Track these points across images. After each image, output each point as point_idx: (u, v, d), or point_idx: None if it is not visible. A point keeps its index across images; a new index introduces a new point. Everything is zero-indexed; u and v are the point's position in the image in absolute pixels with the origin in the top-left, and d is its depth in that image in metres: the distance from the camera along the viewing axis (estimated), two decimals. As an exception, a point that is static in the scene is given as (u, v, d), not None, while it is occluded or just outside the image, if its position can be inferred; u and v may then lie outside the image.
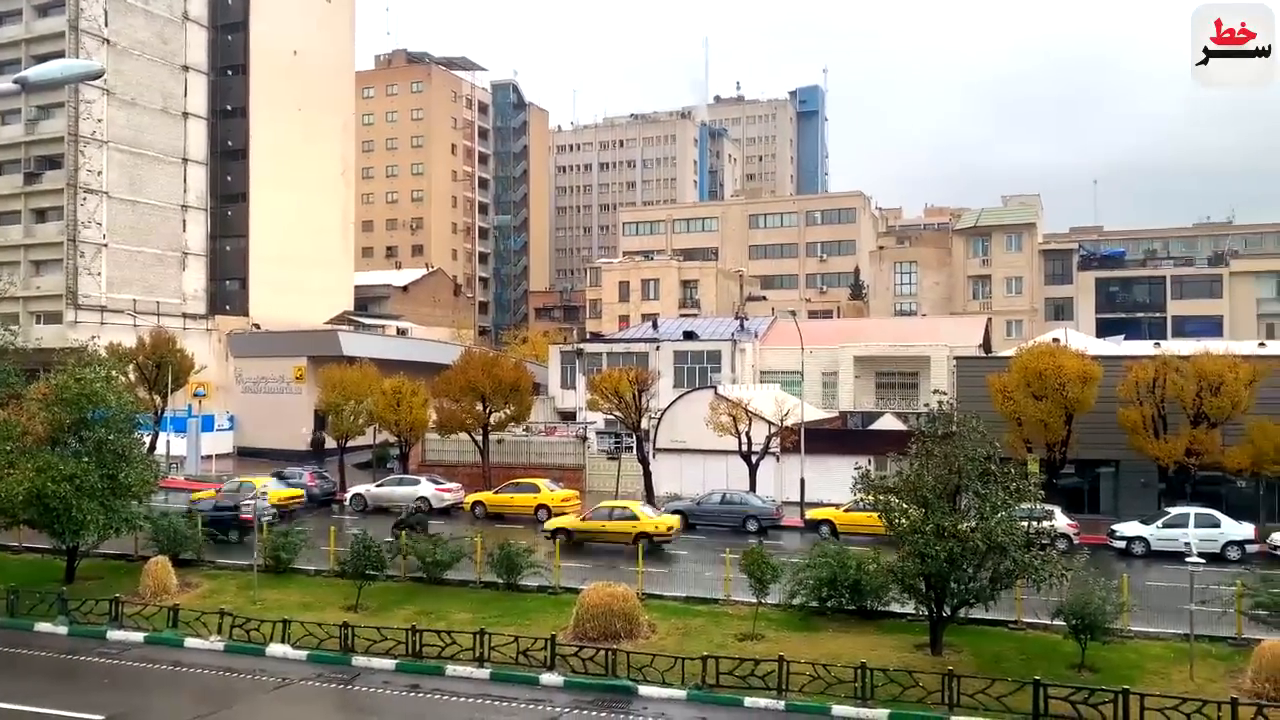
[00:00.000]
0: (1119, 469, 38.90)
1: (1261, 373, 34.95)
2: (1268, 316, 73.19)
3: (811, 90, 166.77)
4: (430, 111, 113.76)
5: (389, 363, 51.79)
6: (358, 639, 22.52)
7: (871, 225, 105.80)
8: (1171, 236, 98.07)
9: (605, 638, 22.05)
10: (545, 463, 47.84)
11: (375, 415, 45.23)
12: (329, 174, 78.37)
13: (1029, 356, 37.08)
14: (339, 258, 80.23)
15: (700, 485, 41.94)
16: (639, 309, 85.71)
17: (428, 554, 27.44)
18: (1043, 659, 20.90)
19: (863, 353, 56.75)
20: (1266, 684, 18.58)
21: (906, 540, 21.02)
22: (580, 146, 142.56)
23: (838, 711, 18.94)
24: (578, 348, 61.51)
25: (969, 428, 21.59)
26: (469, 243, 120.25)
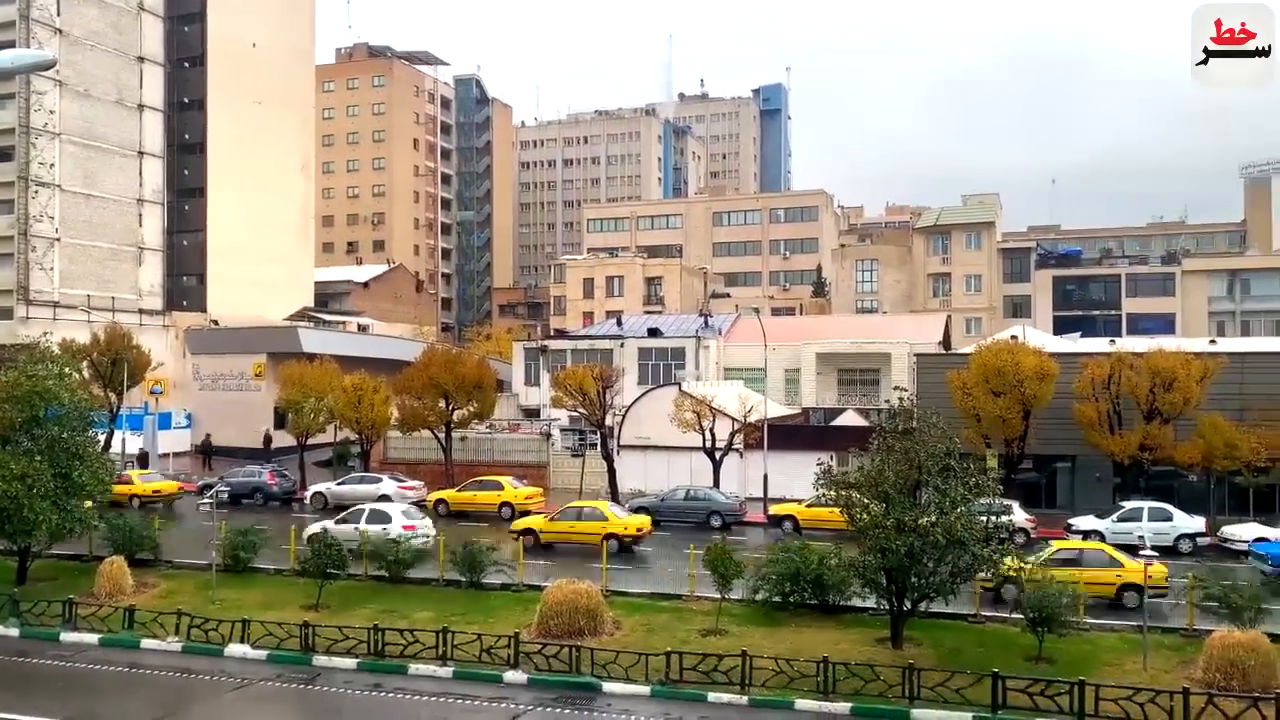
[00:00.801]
0: (1075, 464, 39.56)
1: (1212, 369, 35.70)
2: (1218, 314, 74.80)
3: (775, 89, 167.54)
4: (392, 106, 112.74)
5: (350, 359, 51.28)
6: (319, 638, 22.29)
7: (833, 223, 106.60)
8: (1126, 236, 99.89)
9: (569, 635, 22.03)
10: (509, 460, 47.65)
11: (336, 413, 44.76)
12: (289, 168, 77.39)
13: (988, 353, 37.57)
14: (299, 253, 79.30)
15: (665, 482, 42.02)
16: (603, 306, 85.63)
17: (390, 552, 27.24)
18: (1001, 651, 21.21)
19: (825, 350, 57.17)
20: (1217, 674, 19.00)
21: (868, 535, 21.24)
22: (544, 142, 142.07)
23: (800, 705, 19.09)
24: (542, 344, 61.33)
25: (929, 424, 21.85)
26: (431, 238, 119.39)
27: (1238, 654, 18.92)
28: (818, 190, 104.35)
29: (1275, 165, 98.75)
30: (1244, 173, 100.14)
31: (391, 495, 40.39)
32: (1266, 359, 40.45)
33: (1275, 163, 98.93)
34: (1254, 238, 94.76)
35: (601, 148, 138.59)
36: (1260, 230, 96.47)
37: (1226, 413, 35.24)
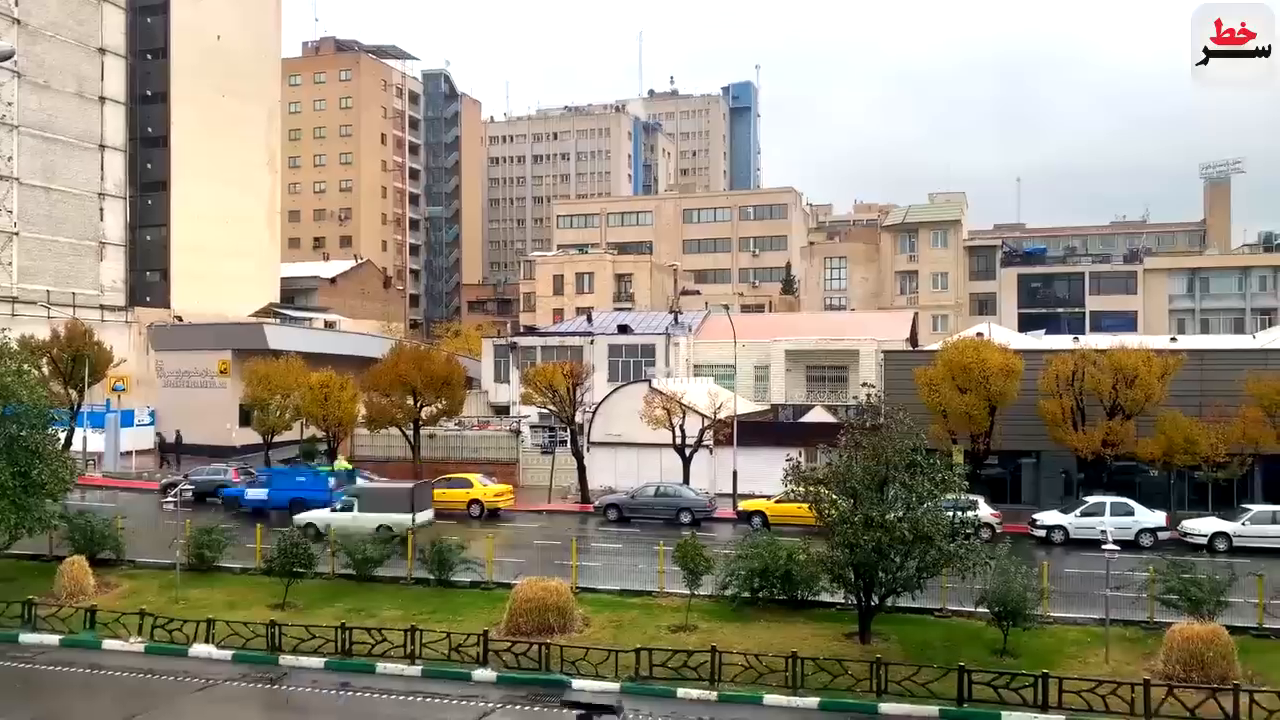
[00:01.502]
0: (1039, 459, 40.05)
1: (1173, 366, 36.29)
2: (1178, 312, 76.08)
3: (744, 86, 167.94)
4: (359, 100, 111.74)
5: (317, 356, 50.81)
6: (285, 637, 22.08)
7: (802, 221, 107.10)
8: (1090, 234, 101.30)
9: (539, 632, 22.00)
10: (479, 458, 47.47)
11: (302, 410, 44.34)
12: (254, 163, 76.48)
13: (954, 350, 37.92)
14: (264, 249, 78.41)
15: (635, 478, 42.06)
16: (573, 302, 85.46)
17: (357, 550, 27.04)
18: (967, 645, 21.45)
19: (794, 347, 57.47)
20: (1177, 665, 19.33)
21: (836, 530, 21.37)
22: (513, 138, 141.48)
23: (769, 701, 19.20)
24: (511, 341, 61.11)
25: (896, 420, 22.03)
26: (399, 234, 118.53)
27: (1197, 646, 19.27)
28: (787, 188, 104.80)
29: (1234, 166, 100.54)
30: (1204, 173, 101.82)
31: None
32: (1225, 356, 41.21)
33: (1234, 163, 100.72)
34: (1214, 237, 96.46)
35: (571, 144, 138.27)
36: (1219, 230, 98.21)
37: (1186, 409, 35.82)
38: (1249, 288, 75.55)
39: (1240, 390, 35.58)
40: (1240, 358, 40.25)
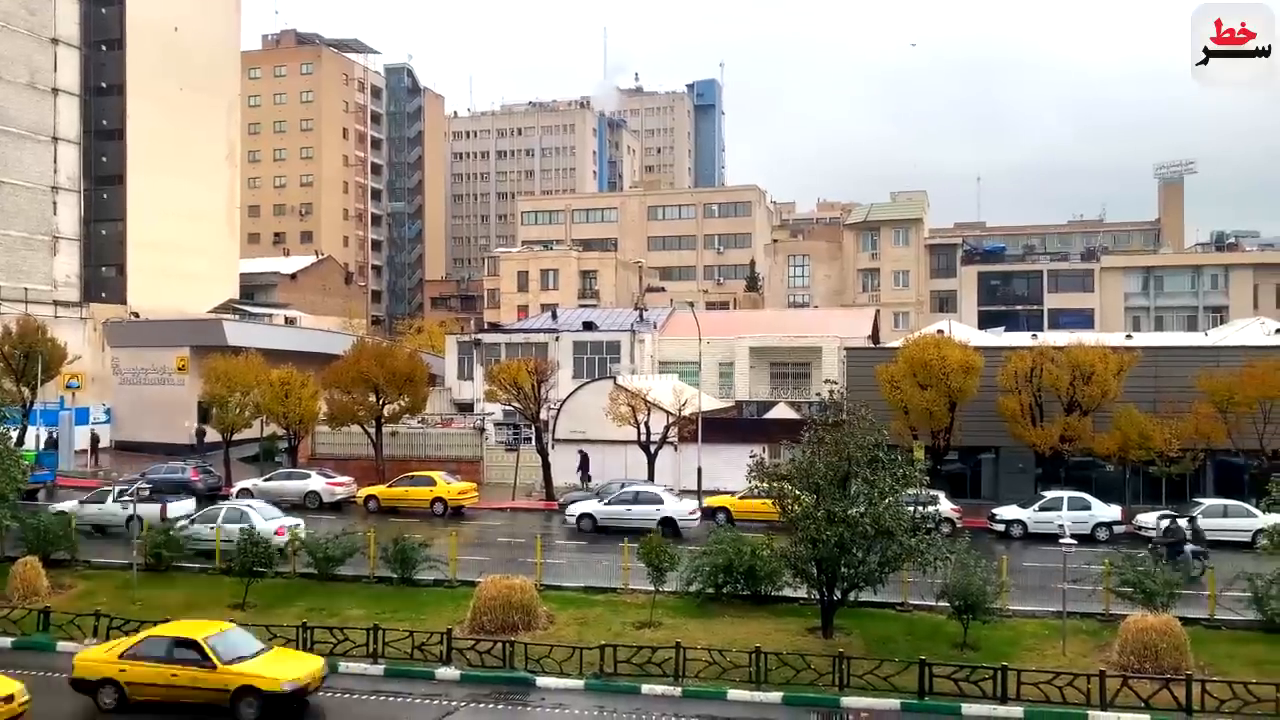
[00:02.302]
0: (999, 455, 40.59)
1: (1128, 363, 36.95)
2: (1134, 310, 77.50)
3: (708, 84, 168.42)
4: (320, 94, 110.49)
5: (277, 353, 50.16)
6: (245, 638, 21.79)
7: (766, 219, 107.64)
8: (1048, 233, 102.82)
9: (503, 630, 21.94)
10: (442, 455, 47.14)
11: (263, 407, 43.77)
12: (213, 156, 75.30)
13: (915, 347, 38.30)
14: (223, 244, 77.24)
15: (600, 475, 42.01)
16: (538, 299, 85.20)
17: (319, 549, 26.77)
18: (928, 639, 21.71)
19: (758, 344, 57.76)
20: (1132, 656, 19.72)
21: (799, 526, 21.53)
22: (477, 133, 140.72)
23: (733, 696, 19.30)
24: (475, 338, 60.78)
25: (858, 416, 22.22)
26: (361, 230, 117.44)
27: (1151, 637, 19.67)
28: (751, 186, 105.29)
29: (1187, 166, 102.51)
30: (1158, 173, 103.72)
31: (320, 491, 39.82)
32: (1178, 353, 42.05)
33: (1187, 164, 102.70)
34: (1168, 236, 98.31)
35: (535, 139, 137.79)
36: (1173, 229, 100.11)
37: (1141, 405, 36.48)
38: (1201, 286, 77.17)
39: (1193, 387, 36.28)
40: (1193, 355, 41.10)
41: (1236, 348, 41.71)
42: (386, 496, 39.09)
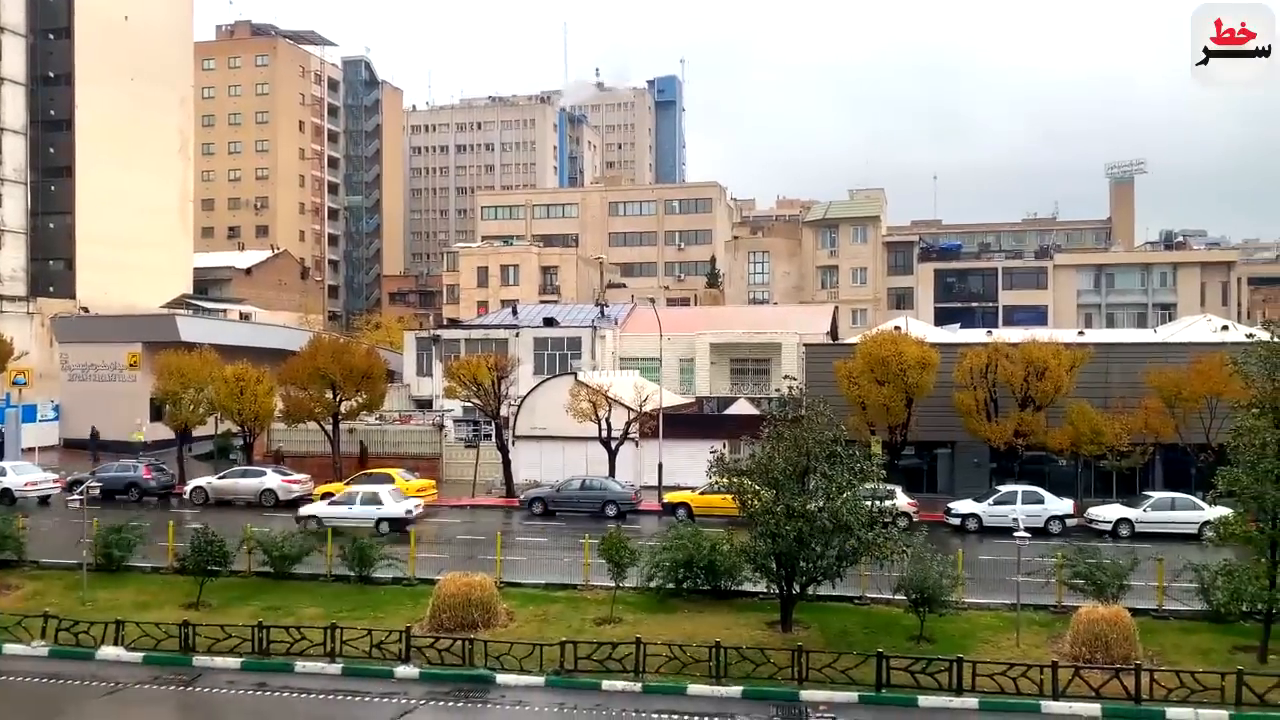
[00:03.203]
0: (955, 450, 41.14)
1: (1080, 359, 37.63)
2: (1086, 307, 78.91)
3: (669, 80, 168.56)
4: (276, 86, 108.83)
5: (232, 349, 49.44)
6: (199, 638, 21.51)
7: (727, 215, 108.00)
8: (1003, 230, 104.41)
9: (462, 628, 21.82)
10: (400, 452, 46.76)
11: (217, 404, 43.13)
12: (165, 149, 73.92)
13: (872, 344, 38.67)
14: (176, 238, 75.87)
15: (560, 472, 41.94)
16: (498, 295, 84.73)
17: (275, 548, 26.43)
18: (885, 632, 21.95)
19: (718, 340, 57.95)
20: (1083, 647, 20.10)
21: (759, 521, 21.66)
22: (436, 127, 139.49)
23: (693, 691, 19.38)
24: (434, 334, 60.30)
25: (817, 412, 22.40)
26: (318, 224, 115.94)
27: (1101, 628, 20.06)
28: (711, 182, 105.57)
29: (1137, 166, 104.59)
30: (1109, 172, 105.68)
31: (276, 489, 39.33)
32: (1129, 349, 42.90)
33: (1137, 164, 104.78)
34: (1118, 234, 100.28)
35: (496, 134, 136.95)
36: (1124, 227, 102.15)
37: (1093, 400, 37.17)
38: (1151, 284, 78.76)
39: (1142, 383, 37.04)
40: (1143, 351, 41.94)
41: (1184, 344, 42.63)
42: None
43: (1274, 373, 20.06)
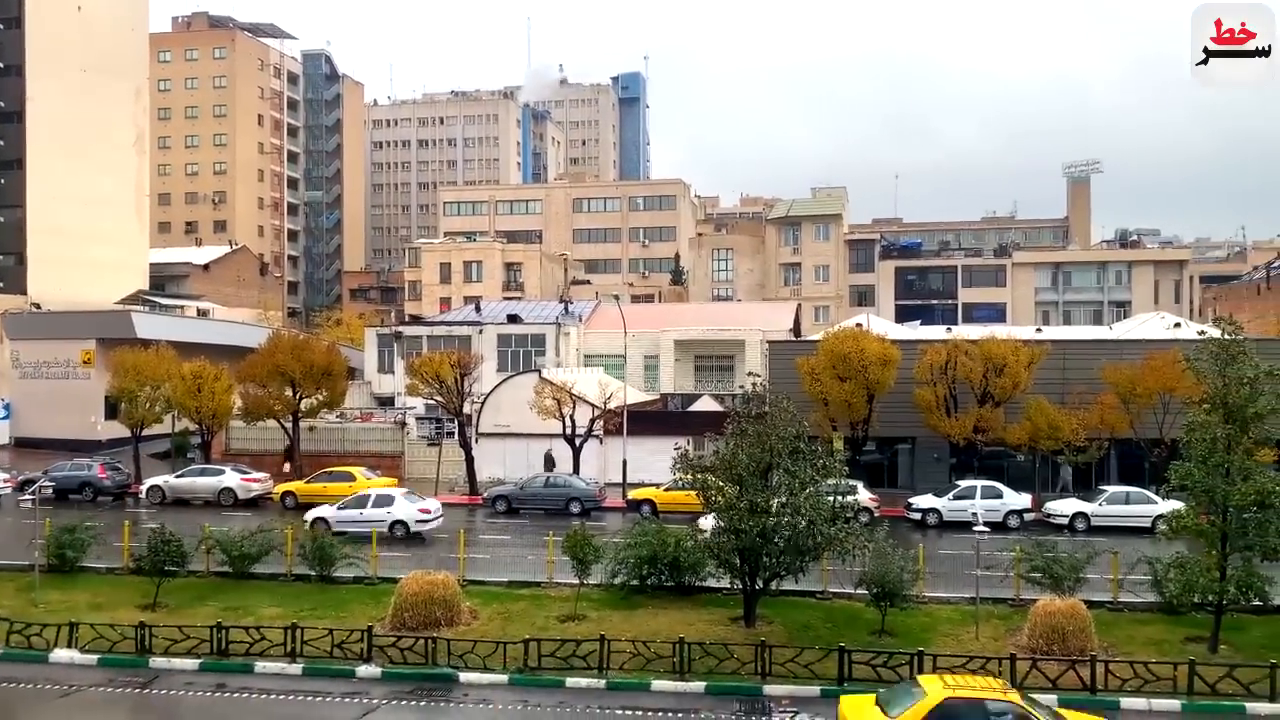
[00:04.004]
0: (915, 445, 41.57)
1: (1038, 356, 38.19)
2: (1044, 304, 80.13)
3: (633, 77, 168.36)
4: (234, 79, 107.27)
5: (189, 346, 48.70)
6: (156, 639, 21.15)
7: (691, 213, 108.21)
8: (962, 229, 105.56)
9: (425, 626, 21.68)
10: (362, 450, 46.39)
11: (174, 402, 42.51)
12: (120, 142, 72.59)
13: (834, 340, 38.98)
14: (132, 233, 74.56)
15: (524, 469, 41.81)
16: (461, 291, 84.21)
17: (234, 547, 26.08)
18: (847, 626, 22.14)
19: (682, 337, 58.09)
20: (1040, 640, 20.41)
21: (722, 516, 21.73)
22: (398, 122, 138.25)
23: (657, 686, 19.41)
24: (396, 330, 59.86)
25: (780, 408, 22.50)
26: (277, 219, 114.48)
27: (1058, 620, 20.38)
28: (676, 179, 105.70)
29: (1093, 166, 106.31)
30: (1066, 172, 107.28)
31: (235, 487, 38.85)
32: (1085, 346, 43.61)
33: (1093, 163, 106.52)
34: (1075, 233, 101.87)
35: (458, 129, 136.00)
36: (1080, 226, 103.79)
37: (1050, 396, 37.75)
38: (1106, 282, 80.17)
39: (1098, 379, 37.66)
40: (1098, 348, 42.65)
41: (1138, 341, 43.40)
42: (304, 492, 38.29)
43: (1225, 369, 20.45)
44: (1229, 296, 65.59)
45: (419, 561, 26.79)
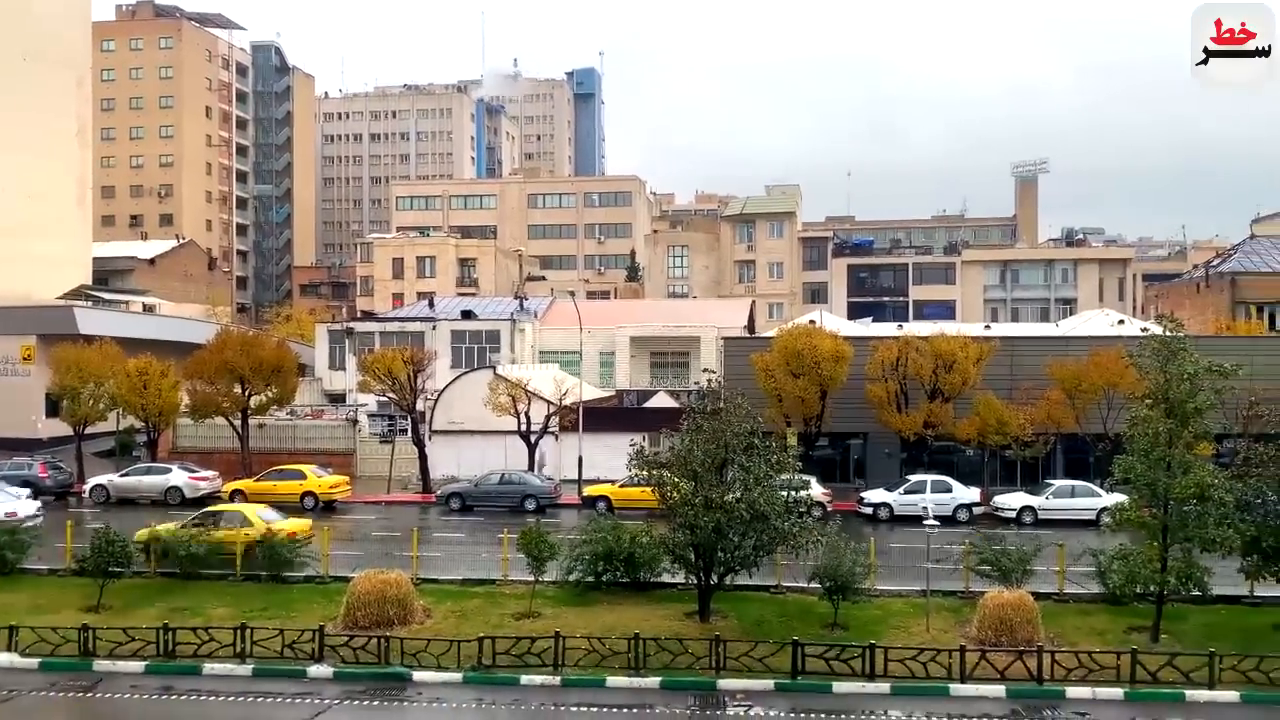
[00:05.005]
0: (867, 440, 42.06)
1: (987, 353, 38.82)
2: (992, 301, 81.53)
3: (588, 73, 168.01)
4: (181, 70, 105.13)
5: (134, 342, 47.61)
6: (100, 642, 20.71)
7: (647, 209, 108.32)
8: (913, 227, 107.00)
9: (378, 625, 21.49)
10: (313, 448, 45.79)
11: (118, 399, 41.62)
12: (61, 133, 70.58)
13: (788, 337, 39.31)
14: (74, 226, 72.57)
15: (479, 467, 41.50)
16: (414, 287, 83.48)
17: (181, 546, 25.61)
18: (801, 620, 22.34)
19: (638, 333, 58.16)
20: (989, 631, 20.78)
21: (678, 512, 21.81)
22: (350, 115, 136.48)
23: (612, 682, 19.44)
24: (347, 326, 59.17)
25: (735, 404, 22.65)
26: (226, 213, 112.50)
27: (1006, 613, 20.77)
28: (631, 176, 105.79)
29: (1040, 166, 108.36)
30: (1015, 171, 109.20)
31: (182, 486, 38.14)
32: (1032, 343, 44.45)
33: (1041, 163, 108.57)
34: (1023, 230, 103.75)
35: (411, 123, 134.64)
36: (1028, 224, 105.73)
37: (998, 392, 38.39)
38: (1053, 279, 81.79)
39: (1045, 375, 38.39)
40: (1045, 344, 43.50)
41: (1084, 338, 44.34)
42: (254, 491, 37.74)
43: (1166, 366, 20.94)
44: (1170, 294, 67.22)
45: (372, 560, 26.54)
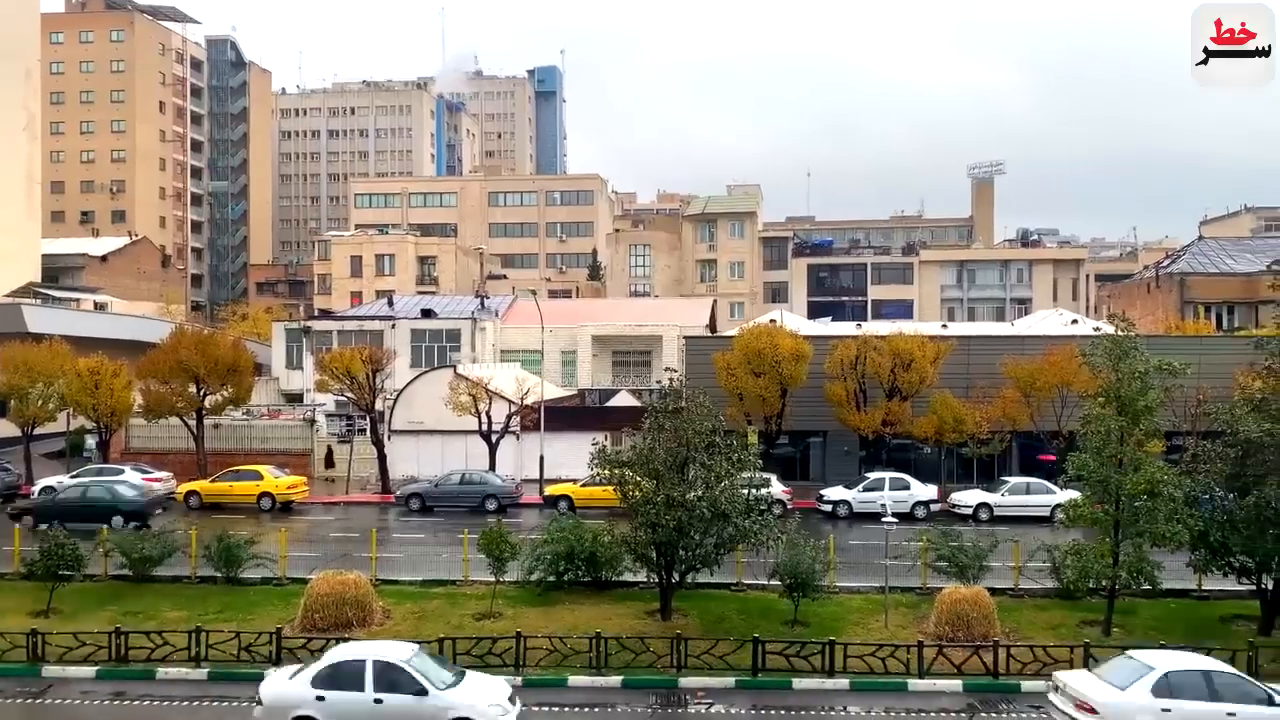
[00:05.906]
0: (827, 439, 42.41)
1: (944, 352, 39.33)
2: (949, 301, 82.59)
3: (549, 70, 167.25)
4: (133, 64, 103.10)
5: (85, 340, 46.69)
6: (50, 647, 20.27)
7: (608, 208, 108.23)
8: (872, 227, 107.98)
9: (336, 627, 21.27)
10: (269, 448, 45.18)
11: (68, 399, 40.76)
12: (8, 126, 68.97)
13: (749, 336, 39.53)
14: (22, 222, 70.92)
15: (439, 466, 41.26)
16: (373, 285, 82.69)
17: (133, 549, 25.13)
18: (761, 617, 22.47)
19: (600, 332, 58.13)
20: (946, 626, 21.06)
21: (639, 511, 21.82)
22: (307, 111, 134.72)
23: (573, 682, 19.41)
24: (305, 325, 58.48)
25: (696, 403, 22.73)
26: (180, 210, 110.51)
27: (963, 608, 21.06)
28: (593, 174, 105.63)
29: (996, 167, 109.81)
30: (971, 172, 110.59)
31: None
32: (988, 342, 45.04)
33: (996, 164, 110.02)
34: (979, 231, 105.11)
35: (370, 120, 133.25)
36: (984, 225, 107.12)
37: (955, 391, 38.90)
38: (1009, 279, 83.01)
39: (1000, 373, 38.93)
40: (1001, 344, 44.08)
41: (1039, 337, 45.03)
42: (209, 492, 37.21)
43: (1118, 364, 21.35)
44: (1122, 294, 68.49)
45: (330, 561, 26.25)
